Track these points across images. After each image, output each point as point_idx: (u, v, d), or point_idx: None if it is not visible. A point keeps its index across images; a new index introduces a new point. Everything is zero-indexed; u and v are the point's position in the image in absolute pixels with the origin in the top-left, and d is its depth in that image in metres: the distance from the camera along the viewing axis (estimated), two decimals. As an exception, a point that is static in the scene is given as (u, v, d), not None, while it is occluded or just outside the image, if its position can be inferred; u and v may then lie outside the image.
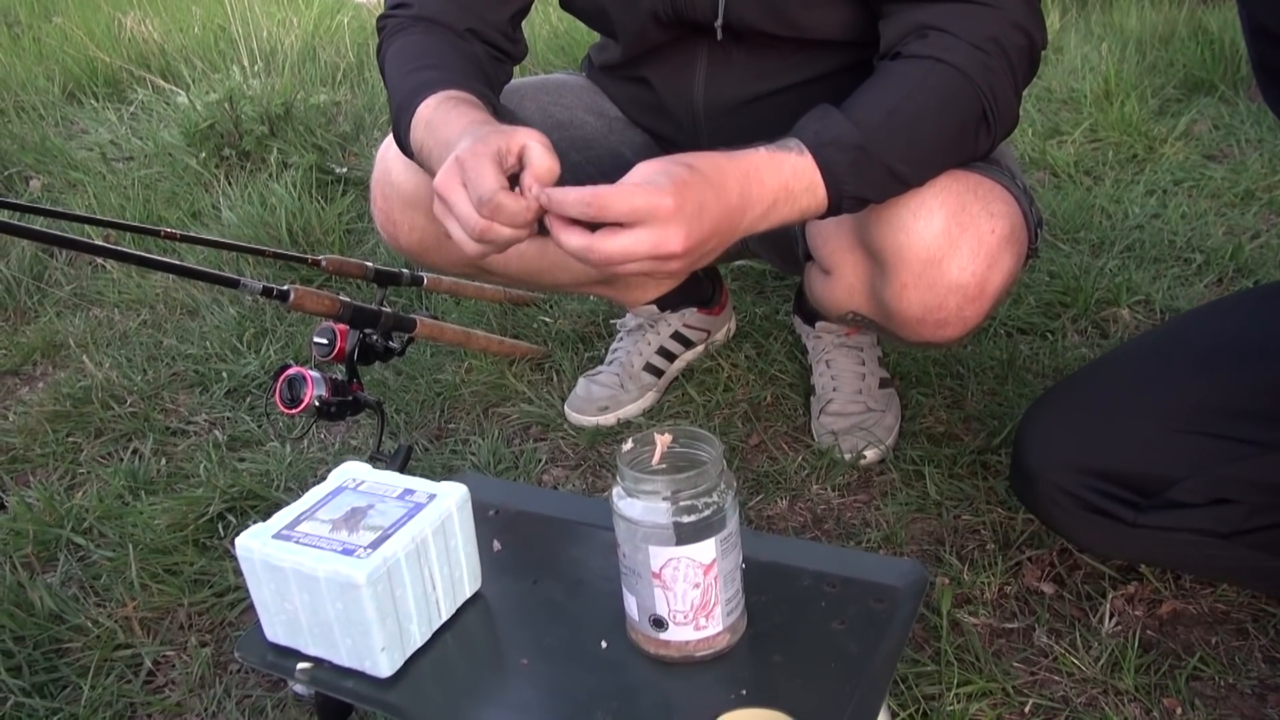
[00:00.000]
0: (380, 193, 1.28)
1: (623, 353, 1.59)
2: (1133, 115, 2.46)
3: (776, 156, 0.89)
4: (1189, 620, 1.09)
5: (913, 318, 1.07)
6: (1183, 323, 1.16)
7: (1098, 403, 1.02)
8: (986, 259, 1.02)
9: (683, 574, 0.76)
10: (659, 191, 0.79)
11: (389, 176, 1.25)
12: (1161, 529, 0.96)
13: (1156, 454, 0.95)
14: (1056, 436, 1.02)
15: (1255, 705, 0.99)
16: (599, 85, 1.39)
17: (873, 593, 0.84)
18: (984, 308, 1.06)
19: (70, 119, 3.36)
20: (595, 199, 0.78)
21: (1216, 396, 0.95)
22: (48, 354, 1.97)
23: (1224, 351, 1.00)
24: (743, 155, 0.88)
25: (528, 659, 0.83)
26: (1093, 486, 0.97)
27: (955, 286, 1.03)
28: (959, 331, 1.08)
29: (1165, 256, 1.86)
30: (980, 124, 0.98)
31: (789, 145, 0.90)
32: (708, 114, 1.25)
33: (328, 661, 0.84)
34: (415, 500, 0.86)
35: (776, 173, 0.88)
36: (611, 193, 0.79)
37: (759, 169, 0.87)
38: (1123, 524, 0.97)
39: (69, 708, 1.12)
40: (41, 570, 1.36)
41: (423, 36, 1.13)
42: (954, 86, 0.96)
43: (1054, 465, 1.00)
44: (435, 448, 1.55)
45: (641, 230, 0.79)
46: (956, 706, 0.99)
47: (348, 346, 1.38)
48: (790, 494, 1.36)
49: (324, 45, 3.46)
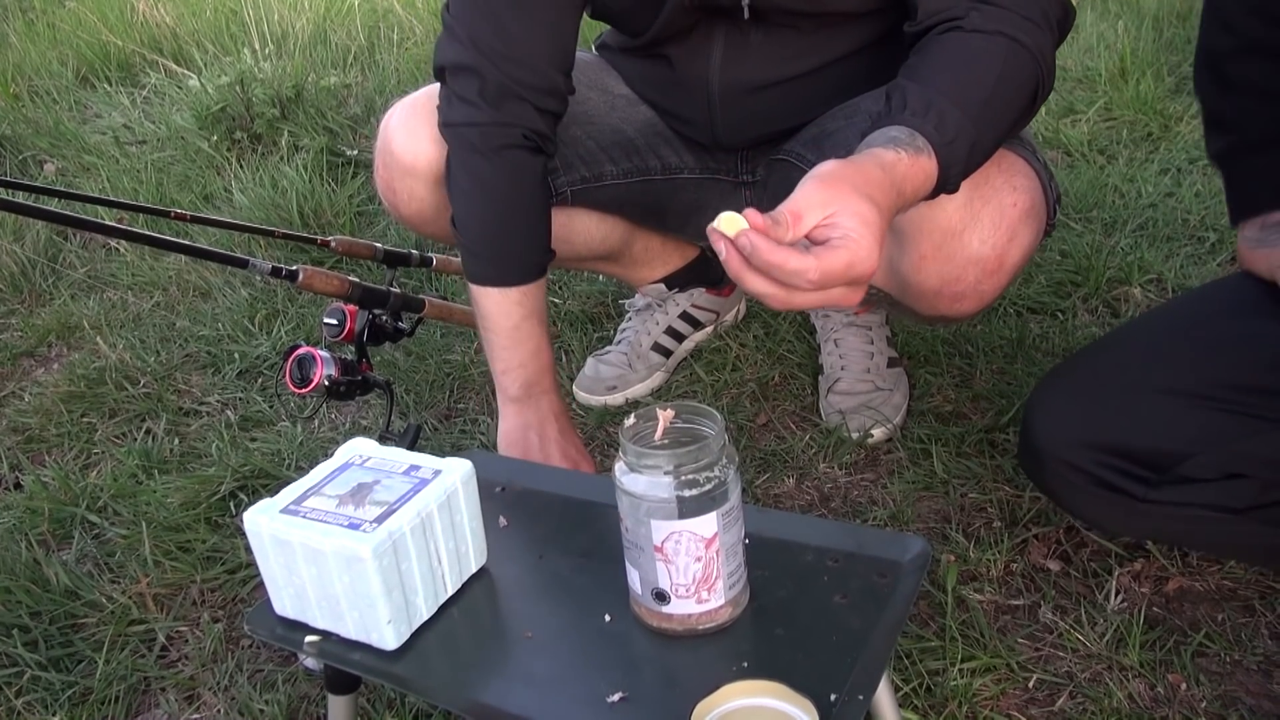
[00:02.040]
0: (381, 162, 1.30)
1: (631, 332, 1.60)
2: (1148, 93, 2.43)
3: (916, 164, 0.86)
4: (1195, 597, 1.09)
5: (930, 290, 1.07)
6: (1192, 298, 1.15)
7: (1107, 378, 1.01)
8: (1007, 232, 1.02)
9: (685, 547, 0.77)
10: (868, 259, 0.77)
11: (389, 146, 1.27)
12: (1172, 505, 0.96)
13: (1167, 429, 0.95)
14: (1065, 413, 1.01)
15: (1261, 681, 0.99)
16: (608, 61, 1.39)
17: (876, 567, 0.84)
18: (1002, 282, 1.05)
19: (84, 103, 3.38)
20: (813, 273, 0.76)
21: (1228, 371, 0.94)
22: (62, 336, 1.99)
23: (1235, 326, 0.99)
24: (893, 166, 0.85)
25: (532, 632, 0.83)
26: (1102, 462, 0.97)
27: (975, 259, 1.02)
28: (975, 306, 1.07)
29: (1178, 235, 1.85)
30: (1037, 94, 0.97)
31: (919, 146, 0.87)
32: (723, 96, 1.24)
33: (335, 634, 0.85)
34: (421, 476, 0.87)
35: (914, 179, 0.86)
36: (830, 268, 0.76)
37: (905, 182, 0.85)
38: (1133, 500, 0.96)
39: (84, 681, 1.14)
40: (57, 548, 1.38)
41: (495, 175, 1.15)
42: (1028, 68, 0.95)
43: (1063, 442, 0.99)
44: (445, 427, 1.56)
45: (843, 289, 0.78)
46: (960, 681, 0.99)
47: (357, 327, 1.39)
48: (798, 472, 1.36)
49: (335, 28, 3.46)
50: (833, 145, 1.17)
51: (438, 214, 1.27)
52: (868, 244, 0.77)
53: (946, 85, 0.92)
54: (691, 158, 1.36)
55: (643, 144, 1.35)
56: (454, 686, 0.80)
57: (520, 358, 1.20)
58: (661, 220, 1.46)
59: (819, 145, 1.20)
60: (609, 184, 1.35)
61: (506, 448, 1.22)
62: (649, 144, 1.35)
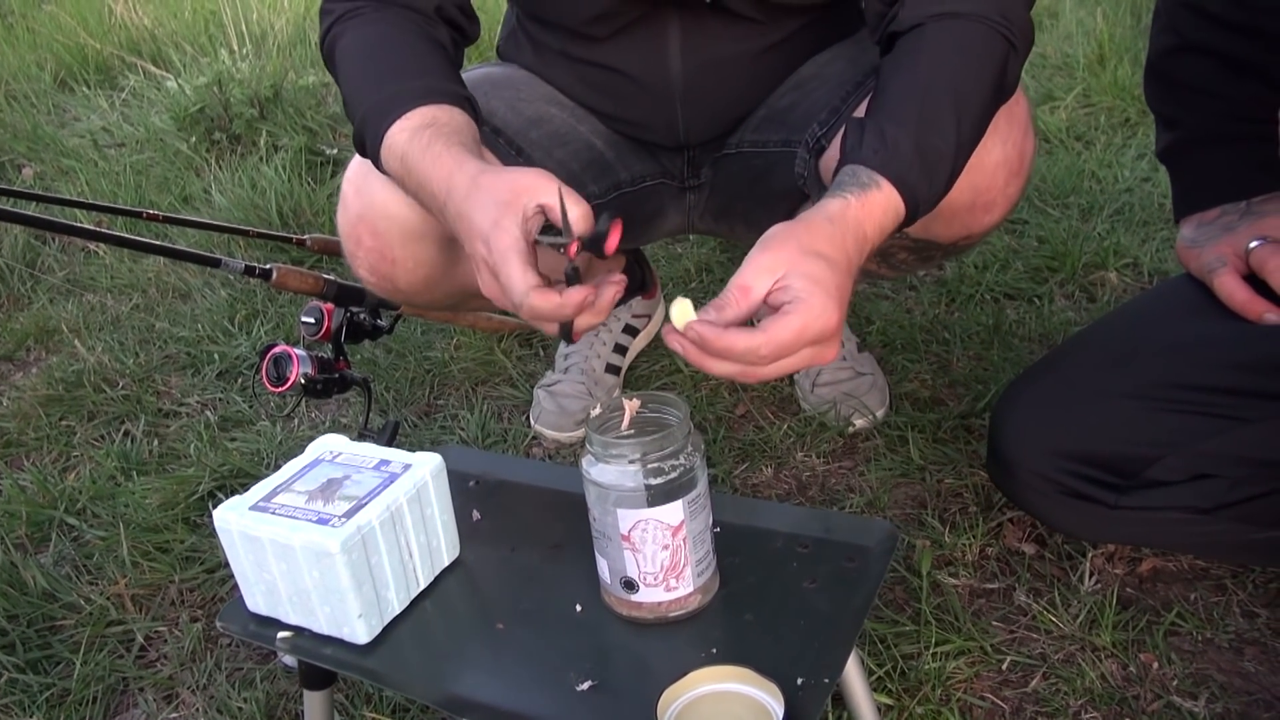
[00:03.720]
0: (368, 229, 1.08)
1: (579, 358, 1.53)
2: (1125, 79, 2.44)
3: (868, 202, 0.84)
4: (1168, 577, 1.10)
5: (963, 206, 1.04)
6: (1148, 299, 1.16)
7: (1071, 386, 1.02)
8: (1021, 129, 1.02)
9: (651, 536, 0.77)
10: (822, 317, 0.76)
11: (381, 208, 1.06)
12: (1144, 509, 0.96)
13: (1133, 434, 0.95)
14: (1032, 423, 1.02)
15: (1232, 658, 1.00)
16: (540, 75, 1.28)
17: (844, 552, 0.84)
18: (1024, 181, 1.06)
19: (62, 107, 3.36)
20: (767, 347, 0.76)
21: (1188, 373, 0.95)
22: (40, 339, 1.98)
23: (1192, 327, 1.00)
24: (841, 215, 0.83)
25: (504, 623, 0.84)
26: (1072, 471, 0.97)
27: (1001, 161, 1.02)
28: (1003, 211, 1.07)
29: (1154, 219, 1.86)
30: (1009, 54, 0.93)
31: (866, 183, 0.84)
32: (686, 84, 1.22)
33: (307, 630, 0.85)
34: (391, 470, 0.87)
35: (871, 217, 0.84)
36: (782, 337, 0.76)
37: (862, 224, 0.83)
38: (1104, 507, 0.97)
39: (62, 682, 1.14)
40: (34, 550, 1.37)
41: (386, 25, 1.02)
42: (967, 35, 0.92)
43: (1031, 452, 1.00)
44: (424, 424, 1.56)
45: (807, 352, 0.78)
46: (934, 665, 1.00)
47: (334, 324, 1.39)
48: (775, 462, 1.36)
49: (314, 28, 3.45)
50: (793, 119, 1.16)
51: (445, 274, 1.11)
52: (818, 303, 0.76)
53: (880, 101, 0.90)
54: (650, 163, 1.30)
55: (612, 157, 1.28)
56: (427, 679, 0.81)
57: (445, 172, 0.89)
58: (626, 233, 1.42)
59: (773, 124, 1.19)
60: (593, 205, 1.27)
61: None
62: (617, 155, 1.28)
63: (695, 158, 1.29)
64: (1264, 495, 0.92)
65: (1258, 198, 1.03)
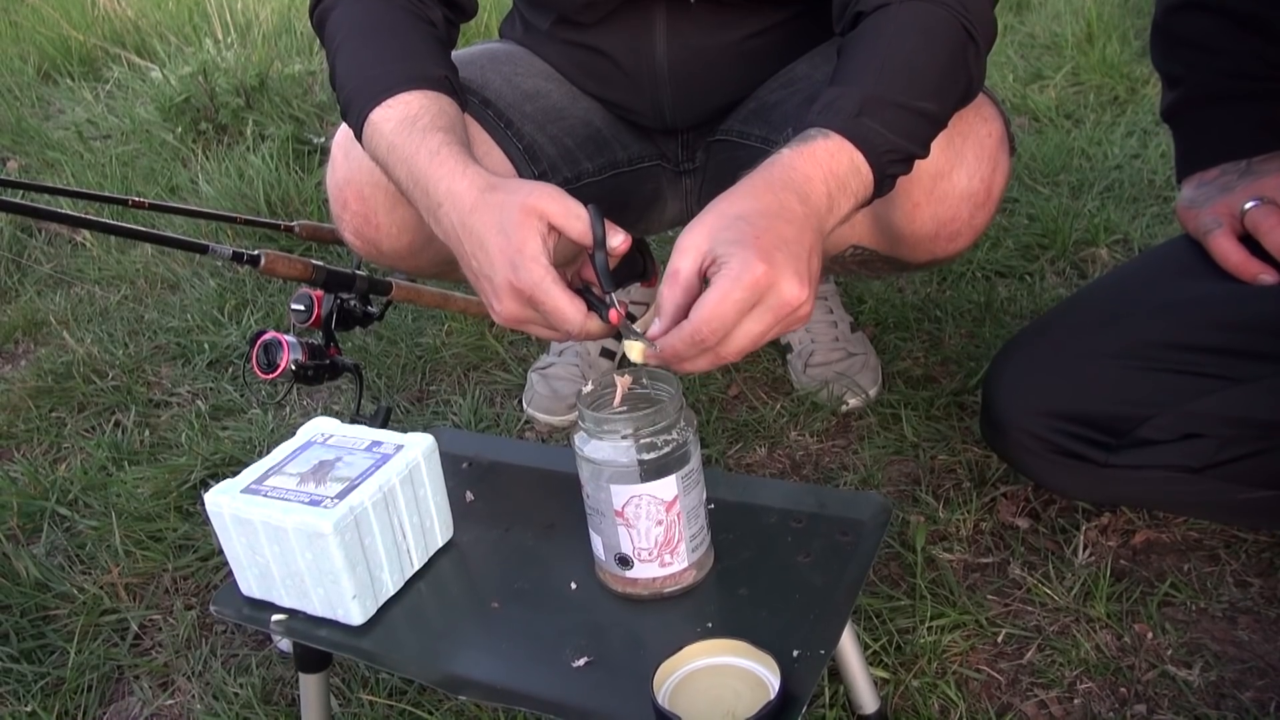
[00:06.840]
0: (354, 193, 1.11)
1: (575, 342, 1.51)
2: (1114, 57, 2.44)
3: (807, 151, 0.81)
4: (1162, 548, 1.10)
5: (926, 235, 1.05)
6: (1142, 261, 1.16)
7: (1062, 347, 1.02)
8: (990, 162, 1.02)
9: (645, 511, 0.77)
10: (744, 268, 0.73)
11: (368, 173, 1.07)
12: (1133, 468, 0.97)
13: (1123, 393, 0.96)
14: (1023, 383, 1.02)
15: (1226, 627, 1.00)
16: (536, 52, 1.29)
17: (838, 526, 0.84)
18: (991, 211, 1.06)
19: (46, 99, 3.33)
20: (705, 326, 0.74)
21: (1179, 333, 0.95)
22: (29, 332, 1.97)
23: (1184, 287, 1.00)
24: (769, 164, 0.81)
25: (499, 602, 0.83)
26: (1063, 430, 0.97)
27: (966, 194, 1.02)
28: (969, 240, 1.07)
29: (1144, 196, 1.86)
30: (968, 45, 0.92)
31: (809, 135, 0.82)
32: (672, 70, 1.21)
33: (302, 612, 0.85)
34: (383, 452, 0.87)
35: (813, 162, 0.81)
36: (713, 308, 0.73)
37: (795, 167, 0.80)
38: (1095, 465, 0.97)
39: (56, 671, 1.13)
40: (27, 541, 1.37)
41: (378, 1, 1.02)
42: (928, 17, 0.91)
43: (1023, 412, 1.00)
44: (417, 409, 1.55)
45: (760, 309, 0.75)
46: (929, 639, 1.00)
47: (324, 311, 1.38)
48: (769, 442, 1.36)
49: (299, 16, 3.42)
50: (775, 117, 1.16)
51: (428, 241, 1.08)
52: (737, 262, 0.73)
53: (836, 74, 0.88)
54: (647, 144, 1.31)
55: (609, 135, 1.28)
56: (422, 659, 0.80)
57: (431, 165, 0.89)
58: (624, 215, 1.42)
59: (759, 118, 1.19)
60: (588, 182, 1.27)
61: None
62: (614, 134, 1.29)
63: (689, 140, 1.29)
64: (1253, 455, 0.93)
65: (1258, 157, 1.03)
